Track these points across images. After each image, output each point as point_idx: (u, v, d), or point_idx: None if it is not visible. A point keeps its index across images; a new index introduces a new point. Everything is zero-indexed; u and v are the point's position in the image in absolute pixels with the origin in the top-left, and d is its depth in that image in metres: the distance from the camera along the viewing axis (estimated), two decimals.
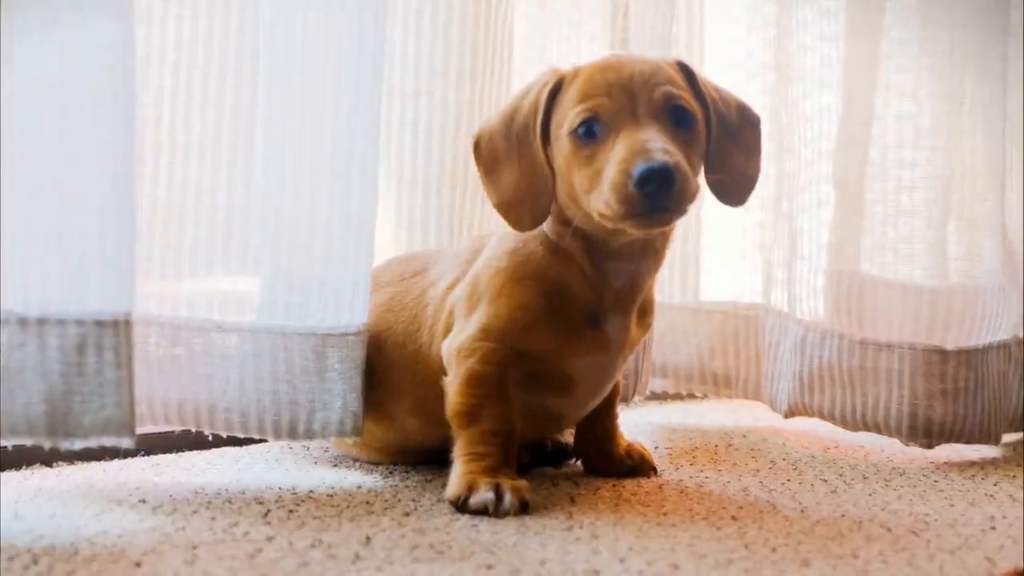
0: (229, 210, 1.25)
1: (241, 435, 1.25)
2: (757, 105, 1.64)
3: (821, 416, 1.54)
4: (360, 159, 1.23)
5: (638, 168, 1.06)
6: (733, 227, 1.74)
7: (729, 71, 1.72)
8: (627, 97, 1.12)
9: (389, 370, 1.26)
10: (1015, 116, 1.69)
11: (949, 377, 1.48)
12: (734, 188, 1.21)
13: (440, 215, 1.48)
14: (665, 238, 1.21)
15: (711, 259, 1.76)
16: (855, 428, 1.52)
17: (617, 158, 1.09)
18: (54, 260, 1.05)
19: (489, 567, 0.95)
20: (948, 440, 1.49)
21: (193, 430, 1.25)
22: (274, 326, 1.23)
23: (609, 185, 1.08)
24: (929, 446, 1.49)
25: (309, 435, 1.24)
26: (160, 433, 1.37)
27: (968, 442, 1.50)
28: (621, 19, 1.59)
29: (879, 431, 1.51)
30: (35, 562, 0.93)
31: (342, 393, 1.24)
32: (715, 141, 1.18)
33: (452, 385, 1.19)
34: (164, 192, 1.24)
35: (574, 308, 1.19)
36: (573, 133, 1.13)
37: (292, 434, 1.24)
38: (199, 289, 1.25)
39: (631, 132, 1.10)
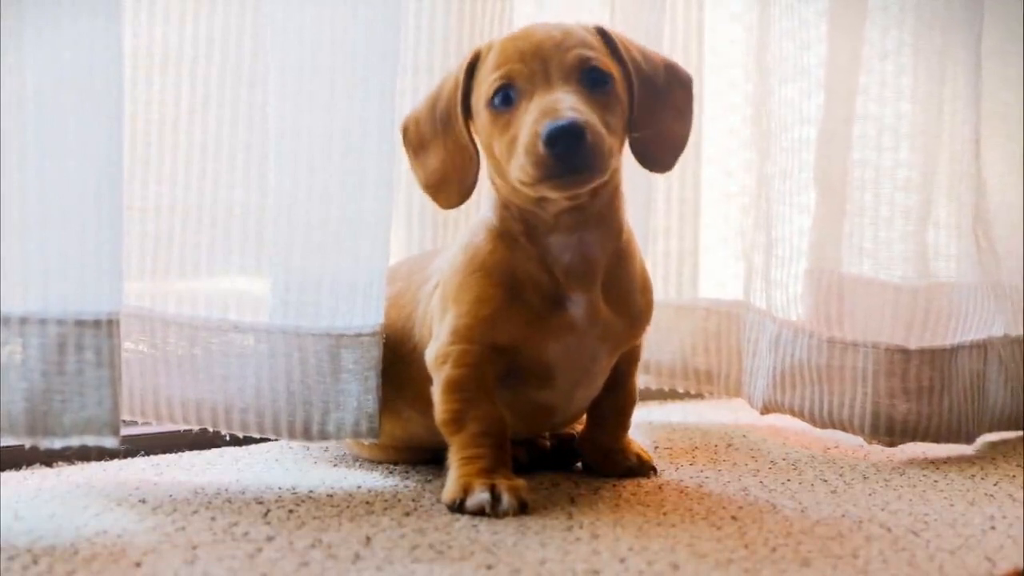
0: (245, 209, 1.26)
1: (257, 435, 1.25)
2: (753, 104, 1.66)
3: (792, 413, 1.55)
4: (374, 157, 1.23)
5: (546, 127, 1.07)
6: (722, 224, 1.75)
7: (726, 69, 1.72)
8: (540, 62, 1.13)
9: (393, 364, 1.26)
10: (1014, 116, 1.69)
11: (912, 376, 1.48)
12: (660, 150, 1.22)
13: (424, 212, 1.49)
14: (610, 205, 1.20)
15: (696, 257, 1.75)
16: (823, 426, 1.52)
17: (529, 120, 1.10)
18: (36, 260, 1.06)
19: (489, 567, 0.95)
20: (912, 439, 1.49)
21: (198, 428, 1.26)
22: (289, 326, 1.23)
23: (522, 148, 1.10)
24: (892, 444, 1.50)
25: (324, 436, 1.24)
26: (160, 433, 1.37)
27: (935, 441, 1.50)
28: (616, 17, 1.59)
29: (844, 429, 1.51)
30: (35, 562, 0.93)
31: (357, 394, 1.24)
32: (639, 101, 1.18)
33: (435, 394, 1.19)
34: (182, 192, 1.25)
35: (530, 292, 1.18)
36: (490, 103, 1.14)
37: (307, 435, 1.24)
38: (217, 288, 1.26)
39: (544, 95, 1.11)
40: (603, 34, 1.20)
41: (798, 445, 1.54)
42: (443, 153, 1.20)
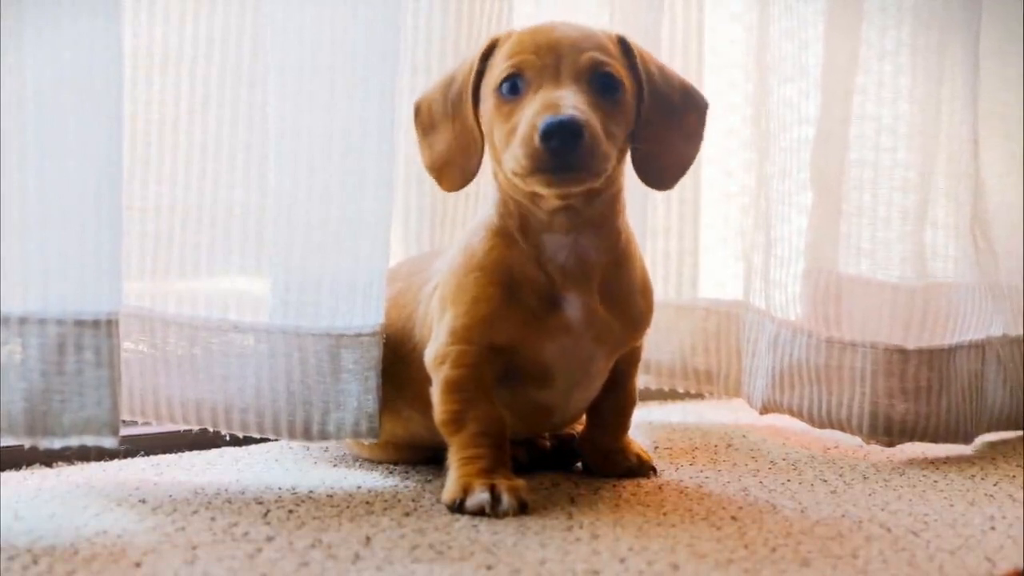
0: (245, 209, 1.26)
1: (257, 435, 1.25)
2: (753, 104, 1.65)
3: (791, 413, 1.55)
4: (374, 157, 1.23)
5: (544, 121, 1.07)
6: (722, 225, 1.75)
7: (726, 69, 1.72)
8: (553, 57, 1.13)
9: (394, 363, 1.27)
10: (1013, 116, 1.69)
11: (910, 376, 1.48)
12: (662, 168, 1.22)
13: (421, 213, 1.49)
14: (608, 211, 1.20)
15: (696, 257, 1.75)
16: (822, 426, 1.53)
17: (530, 112, 1.10)
18: (36, 260, 1.06)
19: (489, 567, 0.95)
20: (911, 439, 1.49)
21: (197, 428, 1.26)
22: (289, 326, 1.23)
23: (519, 139, 1.10)
24: (890, 444, 1.50)
25: (324, 436, 1.24)
26: (160, 433, 1.37)
27: (933, 441, 1.50)
28: (615, 17, 1.59)
29: (843, 429, 1.51)
30: (35, 562, 0.93)
31: (357, 394, 1.24)
32: (647, 115, 1.18)
33: (434, 395, 1.19)
34: (182, 191, 1.25)
35: (527, 291, 1.18)
36: (497, 89, 1.15)
37: (307, 435, 1.24)
38: (217, 288, 1.26)
39: (550, 90, 1.12)
40: (623, 44, 1.20)
41: (798, 445, 1.54)
42: (450, 136, 1.21)
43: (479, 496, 1.12)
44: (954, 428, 1.51)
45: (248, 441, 1.38)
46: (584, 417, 1.33)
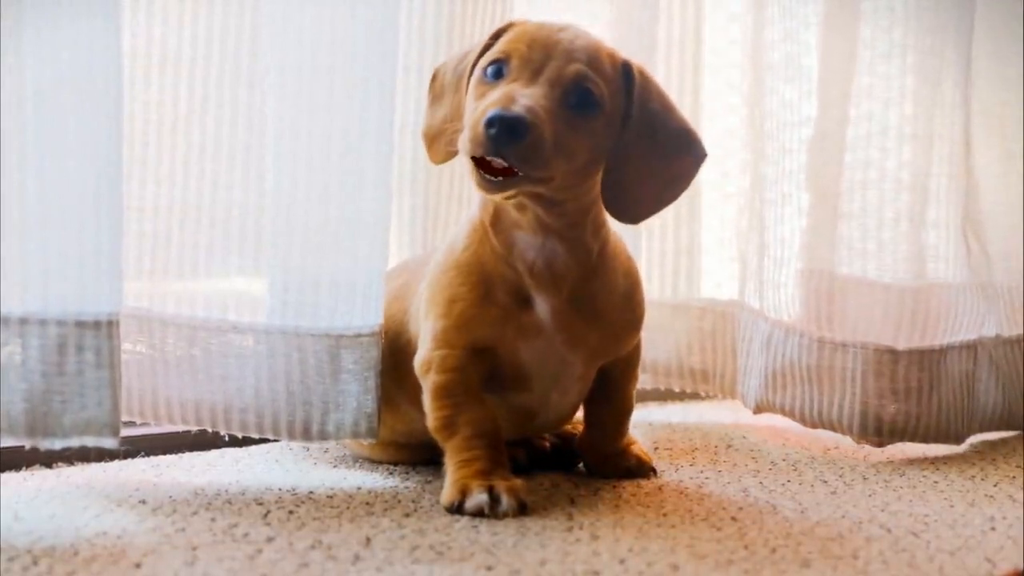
0: (244, 209, 1.26)
1: (256, 435, 1.25)
2: (748, 104, 1.65)
3: (783, 413, 1.55)
4: (373, 157, 1.23)
5: (492, 111, 1.07)
6: (719, 226, 1.75)
7: (725, 69, 1.72)
8: (542, 56, 1.13)
9: (393, 356, 1.27)
10: (1012, 116, 1.69)
11: (900, 376, 1.49)
12: (633, 202, 1.19)
13: (414, 214, 1.48)
14: (574, 223, 1.18)
15: (692, 257, 1.75)
16: (813, 425, 1.53)
17: (490, 98, 1.10)
18: (36, 260, 1.05)
19: (489, 568, 0.95)
20: (901, 439, 1.50)
21: (197, 429, 1.26)
22: (288, 327, 1.23)
23: (471, 121, 1.09)
24: (880, 444, 1.51)
25: (323, 436, 1.25)
26: (160, 434, 1.37)
27: (924, 441, 1.51)
28: (611, 15, 1.60)
29: (833, 429, 1.52)
30: (35, 563, 0.93)
31: (356, 394, 1.24)
32: (628, 146, 1.16)
33: (425, 401, 1.20)
34: (181, 192, 1.25)
35: (499, 288, 1.18)
36: (483, 70, 1.15)
37: (306, 435, 1.24)
38: (215, 289, 1.26)
39: (519, 85, 1.11)
40: (627, 70, 1.17)
41: (798, 446, 1.54)
42: (448, 109, 1.21)
43: (477, 498, 1.12)
44: (944, 428, 1.52)
45: (248, 442, 1.37)
46: (584, 417, 1.33)
